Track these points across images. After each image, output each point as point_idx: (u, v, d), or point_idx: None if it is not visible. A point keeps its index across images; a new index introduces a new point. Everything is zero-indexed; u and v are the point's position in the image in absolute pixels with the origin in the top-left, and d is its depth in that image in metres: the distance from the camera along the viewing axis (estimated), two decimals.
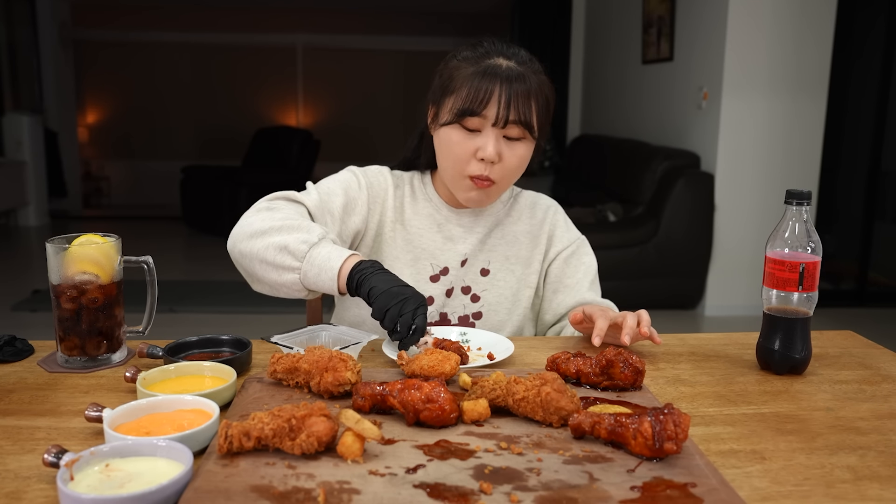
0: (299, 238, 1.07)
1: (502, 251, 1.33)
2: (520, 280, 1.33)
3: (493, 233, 1.33)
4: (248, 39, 8.55)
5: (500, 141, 1.17)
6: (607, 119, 5.64)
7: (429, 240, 1.30)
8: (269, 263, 1.08)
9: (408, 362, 0.92)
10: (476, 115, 1.15)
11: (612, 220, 4.36)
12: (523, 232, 1.35)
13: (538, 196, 1.41)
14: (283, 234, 1.09)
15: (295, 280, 1.07)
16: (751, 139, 4.03)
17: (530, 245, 1.34)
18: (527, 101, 1.16)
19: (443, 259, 1.30)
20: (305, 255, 1.06)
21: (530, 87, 1.16)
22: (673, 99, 4.55)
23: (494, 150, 1.16)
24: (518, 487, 0.65)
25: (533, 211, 1.37)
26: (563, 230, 1.37)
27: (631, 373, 0.90)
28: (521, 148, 1.19)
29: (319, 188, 1.27)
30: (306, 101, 8.90)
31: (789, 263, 0.98)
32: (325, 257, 1.05)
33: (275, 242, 1.08)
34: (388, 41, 8.66)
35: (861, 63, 4.49)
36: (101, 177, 8.57)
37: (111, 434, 0.71)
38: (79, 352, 0.99)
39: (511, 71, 1.16)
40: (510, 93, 1.15)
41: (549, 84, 1.22)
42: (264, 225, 1.11)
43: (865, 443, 0.80)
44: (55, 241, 0.98)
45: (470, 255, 1.31)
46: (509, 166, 1.20)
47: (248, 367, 1.00)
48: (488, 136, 1.16)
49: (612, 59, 5.53)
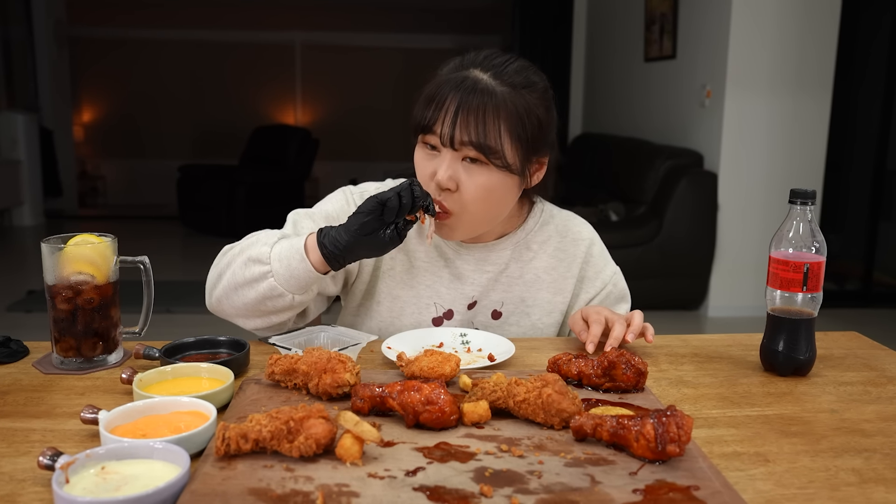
0: (258, 245, 1.04)
1: (518, 292, 1.19)
2: (535, 325, 1.20)
3: (509, 268, 1.18)
4: (246, 37, 8.53)
5: (457, 164, 1.04)
6: (609, 117, 5.63)
7: (434, 276, 1.18)
8: (243, 284, 1.04)
9: (407, 363, 0.91)
10: (429, 132, 1.04)
11: (615, 219, 4.35)
12: (546, 269, 1.20)
13: (570, 221, 1.23)
14: (243, 253, 1.06)
15: (272, 285, 1.02)
16: (754, 138, 4.02)
17: (553, 288, 1.20)
18: (480, 118, 1.01)
19: (448, 300, 1.18)
20: (269, 255, 1.02)
21: (489, 101, 1.01)
22: (676, 97, 4.54)
23: (445, 175, 1.03)
24: (519, 490, 0.64)
25: (562, 242, 1.21)
26: (597, 270, 1.21)
27: (633, 374, 0.89)
28: (482, 176, 1.03)
29: (296, 224, 1.15)
30: (304, 100, 8.89)
31: (793, 264, 0.97)
32: (287, 247, 1.02)
33: (239, 263, 1.05)
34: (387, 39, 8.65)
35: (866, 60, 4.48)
36: (96, 176, 8.54)
37: (107, 436, 0.71)
38: (74, 353, 0.98)
39: (472, 83, 1.02)
40: (459, 108, 1.01)
41: (534, 101, 1.06)
42: (224, 261, 1.08)
43: (871, 445, 0.79)
44: (50, 240, 0.97)
45: (480, 297, 1.18)
46: (468, 196, 1.04)
47: (246, 368, 0.99)
48: (443, 157, 1.04)
49: (614, 57, 5.52)
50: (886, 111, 4.40)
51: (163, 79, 8.58)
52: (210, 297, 1.10)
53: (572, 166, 5.78)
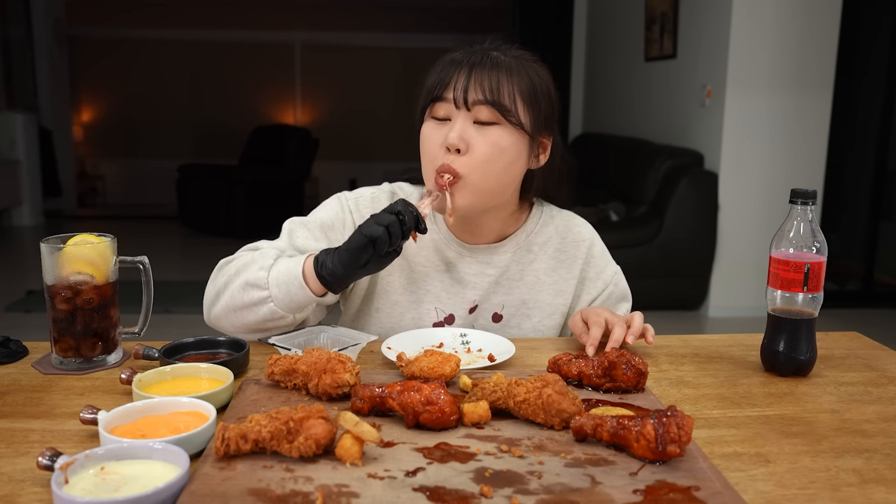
0: (255, 268, 1.05)
1: (519, 294, 1.19)
2: (536, 327, 1.20)
3: (509, 271, 1.18)
4: (246, 36, 8.52)
5: (468, 126, 1.04)
6: (610, 117, 5.63)
7: (435, 280, 1.18)
8: (242, 307, 1.05)
9: (407, 364, 0.91)
10: (440, 100, 1.05)
11: (615, 219, 4.35)
12: (546, 270, 1.20)
13: (570, 221, 1.23)
14: (240, 275, 1.06)
15: (271, 309, 1.03)
16: (755, 137, 4.01)
17: (554, 290, 1.20)
18: (493, 77, 1.03)
19: (449, 304, 1.17)
20: (267, 280, 1.03)
21: (500, 65, 1.04)
22: (676, 97, 4.54)
23: (457, 135, 1.02)
24: (519, 491, 0.64)
25: (563, 243, 1.21)
26: (598, 270, 1.21)
27: (633, 374, 0.89)
28: (494, 134, 1.04)
29: (291, 233, 1.15)
30: (304, 99, 8.88)
31: (794, 264, 0.97)
32: (285, 271, 1.03)
33: (237, 286, 1.06)
34: (387, 38, 8.64)
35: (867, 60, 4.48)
36: (96, 176, 8.53)
37: (106, 437, 0.71)
38: (74, 353, 0.98)
39: (484, 55, 1.05)
40: (472, 69, 1.03)
41: (539, 70, 1.09)
42: (222, 279, 1.09)
43: (871, 445, 0.79)
44: (50, 240, 0.97)
45: (481, 300, 1.18)
46: (479, 156, 1.03)
47: (246, 368, 0.99)
48: (455, 120, 1.04)
49: (614, 57, 5.52)
50: (887, 111, 4.39)
51: (162, 78, 8.58)
52: (209, 314, 1.11)
53: None
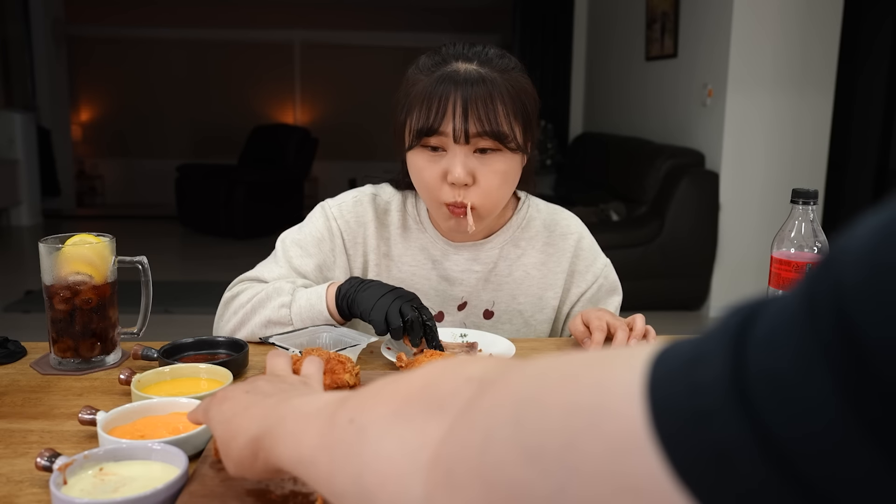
0: (275, 306, 1.05)
1: (509, 290, 1.18)
2: (528, 322, 1.19)
3: (498, 267, 1.17)
4: (245, 35, 8.51)
5: (469, 158, 1.02)
6: (610, 117, 5.63)
7: (422, 279, 1.17)
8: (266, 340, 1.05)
9: (407, 364, 0.90)
10: (435, 133, 1.02)
11: (615, 219, 4.35)
12: (535, 265, 1.18)
13: (557, 214, 1.22)
14: (257, 313, 1.07)
15: None
16: (756, 137, 4.01)
17: (543, 283, 1.18)
18: (490, 107, 1.00)
19: (438, 302, 1.17)
20: (290, 317, 1.04)
21: (493, 89, 1.01)
22: (677, 96, 4.54)
23: (463, 171, 1.01)
24: None
25: (550, 237, 1.19)
26: (587, 263, 1.19)
27: None
28: (498, 162, 1.03)
29: (286, 253, 1.15)
30: (304, 99, 8.88)
31: (795, 264, 0.97)
32: (307, 307, 1.03)
33: (257, 324, 1.06)
34: (386, 37, 8.63)
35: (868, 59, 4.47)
36: (94, 175, 8.53)
37: (105, 437, 0.70)
38: (72, 353, 0.98)
39: (469, 75, 1.02)
40: (467, 100, 1.00)
41: (523, 80, 1.07)
42: (236, 317, 1.09)
43: None
44: (48, 240, 0.97)
45: (470, 297, 1.17)
46: (486, 186, 1.03)
47: (245, 369, 0.99)
48: (454, 155, 1.02)
49: (615, 56, 5.52)
50: (889, 111, 4.39)
51: (161, 78, 8.57)
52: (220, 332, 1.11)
53: (572, 166, 5.78)
